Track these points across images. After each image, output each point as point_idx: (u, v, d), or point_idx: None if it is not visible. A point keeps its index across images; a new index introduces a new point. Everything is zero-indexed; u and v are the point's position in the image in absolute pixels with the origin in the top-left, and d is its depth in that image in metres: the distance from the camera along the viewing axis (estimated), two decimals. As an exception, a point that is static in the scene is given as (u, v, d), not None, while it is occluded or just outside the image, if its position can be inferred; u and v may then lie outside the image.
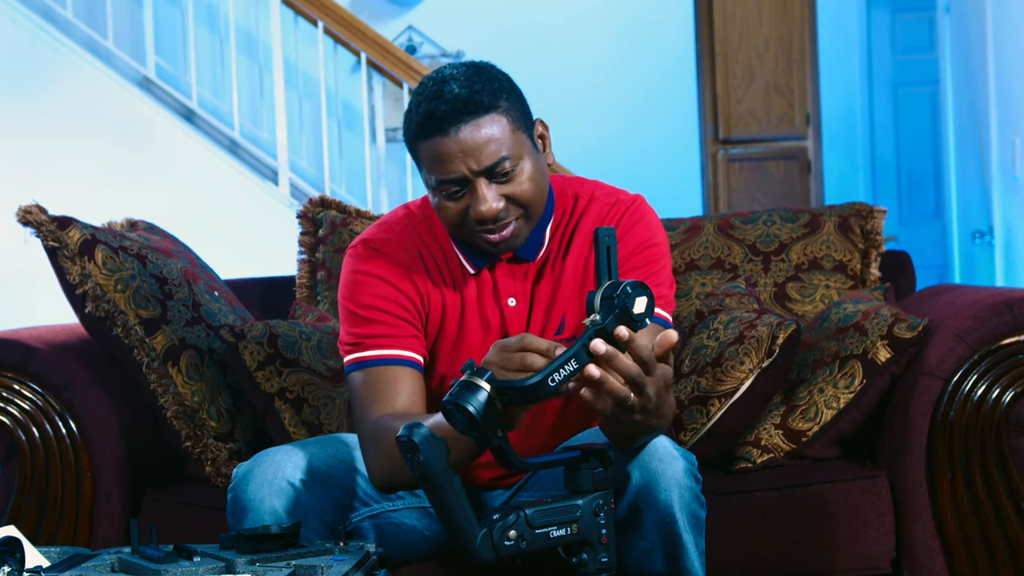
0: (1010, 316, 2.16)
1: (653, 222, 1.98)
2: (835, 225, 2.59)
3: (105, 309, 2.29)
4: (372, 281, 1.93)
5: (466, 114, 1.78)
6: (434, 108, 1.79)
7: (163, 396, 2.31)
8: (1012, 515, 2.13)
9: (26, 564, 1.54)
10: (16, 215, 2.27)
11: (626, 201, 1.97)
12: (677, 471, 1.72)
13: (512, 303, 1.95)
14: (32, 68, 4.88)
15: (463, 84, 1.80)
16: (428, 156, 1.81)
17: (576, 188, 2.00)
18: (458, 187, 1.82)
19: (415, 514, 1.96)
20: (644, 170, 6.19)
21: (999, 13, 4.63)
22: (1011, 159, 4.51)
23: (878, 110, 7.23)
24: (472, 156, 1.79)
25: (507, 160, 1.81)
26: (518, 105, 1.85)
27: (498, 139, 1.80)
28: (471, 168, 1.79)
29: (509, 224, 1.85)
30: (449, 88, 1.79)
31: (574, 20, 6.33)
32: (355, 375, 1.90)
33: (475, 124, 1.79)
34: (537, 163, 1.86)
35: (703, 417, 2.21)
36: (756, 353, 2.20)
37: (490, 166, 1.80)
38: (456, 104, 1.78)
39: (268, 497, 1.76)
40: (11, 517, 2.24)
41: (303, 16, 5.25)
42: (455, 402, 1.47)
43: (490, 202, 1.81)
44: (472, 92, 1.79)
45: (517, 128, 1.83)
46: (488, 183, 1.81)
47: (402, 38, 6.32)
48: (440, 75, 1.83)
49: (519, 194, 1.83)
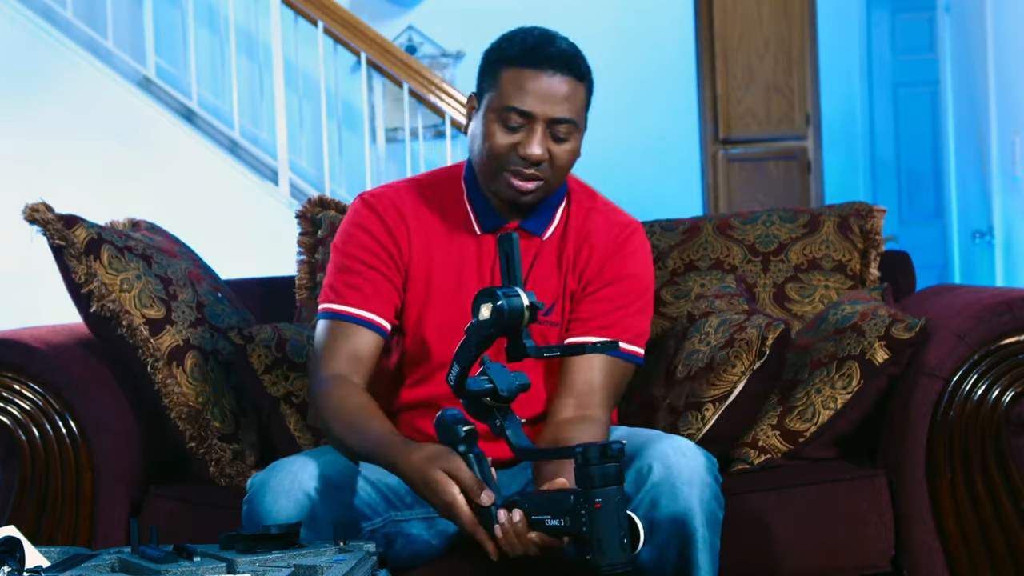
0: (1010, 316, 2.16)
1: (640, 253, 2.08)
2: (834, 225, 2.59)
3: (110, 308, 2.29)
4: (359, 233, 2.03)
5: (567, 68, 1.93)
6: (544, 46, 1.94)
7: (167, 396, 2.31)
8: (1012, 515, 2.13)
9: (26, 564, 1.54)
10: (23, 212, 2.28)
11: (624, 223, 2.10)
12: (699, 467, 1.75)
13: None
14: (32, 68, 4.88)
15: (570, 46, 1.97)
16: (512, 82, 1.93)
17: (581, 189, 2.13)
18: (521, 122, 1.92)
19: (423, 524, 1.97)
20: (644, 170, 6.19)
21: (999, 13, 4.63)
22: (1011, 159, 4.51)
23: (878, 110, 7.23)
24: (552, 102, 1.92)
25: (571, 123, 1.94)
26: (591, 93, 2.01)
27: (576, 103, 1.94)
28: (545, 111, 1.92)
29: (537, 179, 1.95)
30: (560, 41, 1.96)
31: (574, 20, 6.32)
32: (322, 322, 2.01)
33: (569, 79, 1.93)
34: (579, 144, 1.99)
35: (698, 422, 2.21)
36: (747, 356, 2.20)
37: (559, 119, 1.92)
38: (564, 55, 1.94)
39: (285, 507, 1.78)
40: (11, 517, 2.24)
41: (303, 16, 5.25)
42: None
43: (540, 146, 1.92)
44: (577, 55, 1.96)
45: (585, 108, 1.98)
46: (545, 132, 1.93)
47: (402, 38, 6.32)
48: (545, 29, 2.00)
49: (559, 156, 1.95)
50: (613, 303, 2.02)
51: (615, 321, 2.01)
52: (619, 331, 2.00)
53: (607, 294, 2.02)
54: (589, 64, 1.99)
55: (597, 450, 1.52)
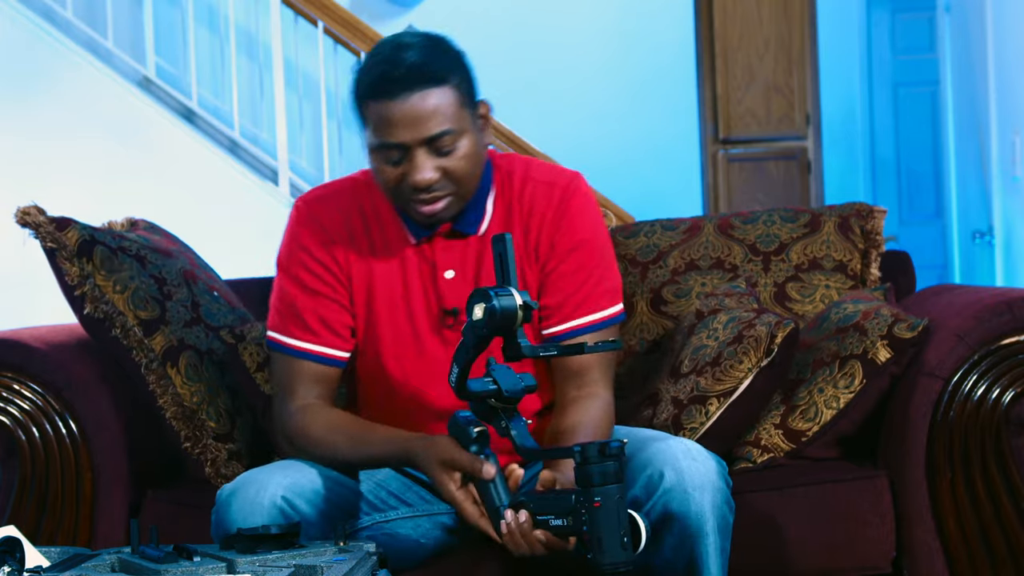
0: (1010, 316, 2.16)
1: (587, 211, 1.99)
2: (835, 225, 2.59)
3: (104, 310, 2.29)
4: (299, 253, 1.99)
5: (419, 82, 1.81)
6: (389, 71, 1.82)
7: (162, 397, 2.30)
8: (1012, 515, 2.13)
9: (26, 564, 1.53)
10: (15, 216, 2.27)
11: (560, 184, 1.99)
12: (711, 472, 1.74)
13: (449, 275, 1.96)
14: (32, 68, 4.88)
15: (419, 52, 1.83)
16: (375, 117, 1.85)
17: (512, 165, 2.02)
18: (398, 152, 1.85)
19: (410, 523, 1.97)
20: (644, 170, 6.18)
21: (999, 13, 4.63)
22: (1011, 159, 4.51)
23: (878, 110, 7.23)
24: (417, 124, 1.82)
25: (449, 134, 1.84)
26: (468, 82, 1.88)
27: (444, 112, 1.83)
28: (414, 136, 1.83)
29: (441, 198, 1.88)
30: (406, 54, 1.83)
31: (574, 20, 6.33)
32: (276, 355, 2.00)
33: (425, 93, 1.82)
34: (476, 142, 1.89)
35: (702, 416, 2.21)
36: (755, 352, 2.20)
37: (432, 136, 1.83)
38: (411, 71, 1.81)
39: (251, 517, 1.76)
40: (11, 517, 2.24)
41: (303, 16, 5.25)
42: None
43: (425, 171, 1.84)
44: (427, 61, 1.82)
45: (463, 104, 1.86)
46: (427, 153, 1.84)
47: (402, 38, 6.31)
48: (398, 40, 1.86)
49: (454, 169, 1.86)
50: (577, 278, 1.96)
51: (586, 296, 1.96)
52: (594, 303, 1.97)
53: (567, 269, 1.96)
54: (453, 54, 1.87)
55: (596, 449, 1.52)
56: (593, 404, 1.91)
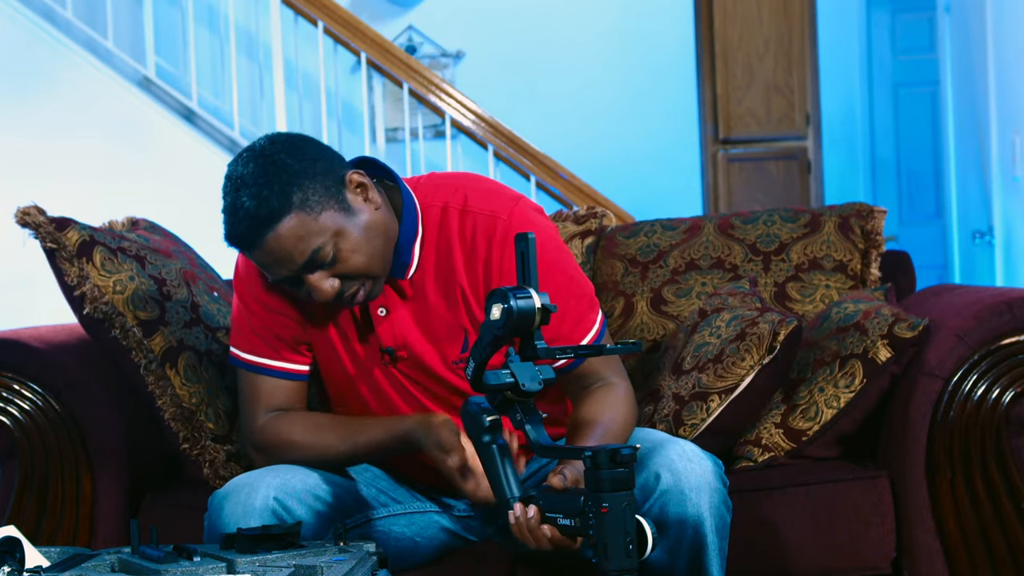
0: (1010, 316, 2.16)
1: (537, 236, 1.87)
2: (835, 225, 2.59)
3: (103, 310, 2.28)
4: (248, 272, 1.97)
5: (262, 227, 1.76)
6: (232, 228, 1.80)
7: (161, 398, 2.30)
8: (1012, 515, 2.13)
9: (26, 564, 1.53)
10: (14, 216, 2.27)
11: (503, 216, 1.88)
12: (707, 472, 1.74)
13: (382, 313, 1.93)
14: (32, 68, 4.88)
15: (252, 193, 1.77)
16: (253, 261, 1.84)
17: (445, 196, 1.92)
18: (290, 280, 1.83)
19: (403, 520, 1.96)
20: (644, 170, 6.19)
21: (999, 13, 4.63)
22: (1011, 159, 4.51)
23: (878, 110, 7.23)
24: (285, 261, 1.79)
25: (320, 250, 1.78)
26: (317, 184, 1.79)
27: (303, 236, 1.77)
28: (290, 269, 1.80)
29: (357, 292, 1.84)
30: (240, 202, 1.78)
31: (574, 20, 6.33)
32: (241, 372, 2.00)
33: (275, 233, 1.76)
34: (358, 227, 1.81)
35: (703, 413, 2.21)
36: (757, 350, 2.20)
37: (305, 262, 1.78)
38: (249, 221, 1.77)
39: (243, 520, 1.76)
40: (11, 517, 2.24)
41: (303, 16, 5.25)
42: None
43: (324, 289, 1.81)
44: (261, 202, 1.76)
45: (321, 211, 1.78)
46: (315, 272, 1.80)
47: (402, 38, 6.32)
48: (235, 177, 1.81)
49: (349, 270, 1.81)
50: (558, 311, 1.78)
51: (575, 320, 1.91)
52: (585, 322, 1.91)
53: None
54: (286, 173, 1.76)
55: (607, 455, 1.51)
56: (610, 393, 1.90)
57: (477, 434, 1.68)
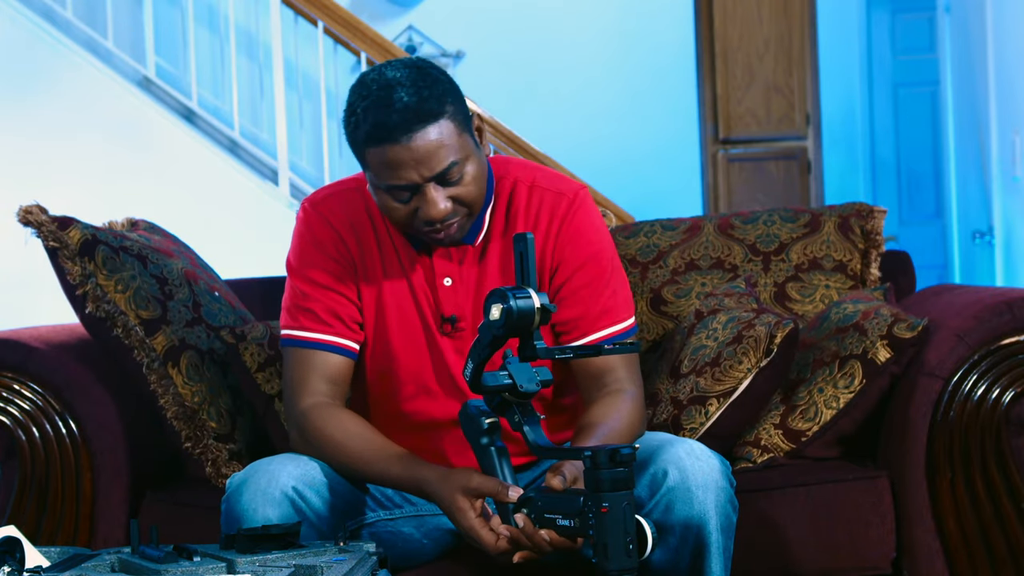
0: (1010, 316, 2.16)
1: (594, 226, 1.99)
2: (835, 225, 2.59)
3: (105, 309, 2.29)
4: (311, 251, 1.98)
5: (416, 123, 1.78)
6: (384, 117, 1.78)
7: (163, 397, 2.30)
8: (1012, 515, 2.13)
9: (26, 564, 1.53)
10: (17, 215, 2.27)
11: (568, 195, 1.98)
12: (714, 471, 1.73)
13: (448, 283, 1.96)
14: (32, 68, 4.88)
15: (411, 91, 1.79)
16: (377, 162, 1.82)
17: (516, 172, 2.00)
18: (407, 192, 1.84)
19: (413, 523, 1.97)
20: (644, 170, 6.19)
21: (999, 13, 4.63)
22: (1011, 159, 4.51)
23: (878, 110, 7.23)
24: (424, 164, 1.80)
25: (456, 165, 1.82)
26: (461, 106, 1.86)
27: (448, 145, 1.81)
28: (422, 175, 1.81)
29: (455, 223, 1.87)
30: (398, 96, 1.78)
31: (574, 20, 6.33)
32: (288, 351, 1.98)
33: (425, 132, 1.79)
34: (480, 162, 1.88)
35: (701, 417, 2.21)
36: (754, 353, 2.20)
37: (441, 172, 1.81)
38: (406, 113, 1.78)
39: (262, 507, 1.76)
40: (11, 517, 2.24)
41: (303, 16, 5.25)
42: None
43: (439, 205, 1.83)
44: (421, 100, 1.79)
45: (463, 130, 1.84)
46: (437, 187, 1.83)
47: (402, 38, 6.32)
48: (384, 79, 1.81)
49: (465, 195, 1.85)
50: (593, 289, 1.95)
51: (604, 307, 1.96)
52: (614, 315, 1.96)
53: (581, 282, 1.95)
54: (443, 82, 1.83)
55: (606, 454, 1.51)
56: (619, 399, 1.90)
57: (475, 436, 1.68)
